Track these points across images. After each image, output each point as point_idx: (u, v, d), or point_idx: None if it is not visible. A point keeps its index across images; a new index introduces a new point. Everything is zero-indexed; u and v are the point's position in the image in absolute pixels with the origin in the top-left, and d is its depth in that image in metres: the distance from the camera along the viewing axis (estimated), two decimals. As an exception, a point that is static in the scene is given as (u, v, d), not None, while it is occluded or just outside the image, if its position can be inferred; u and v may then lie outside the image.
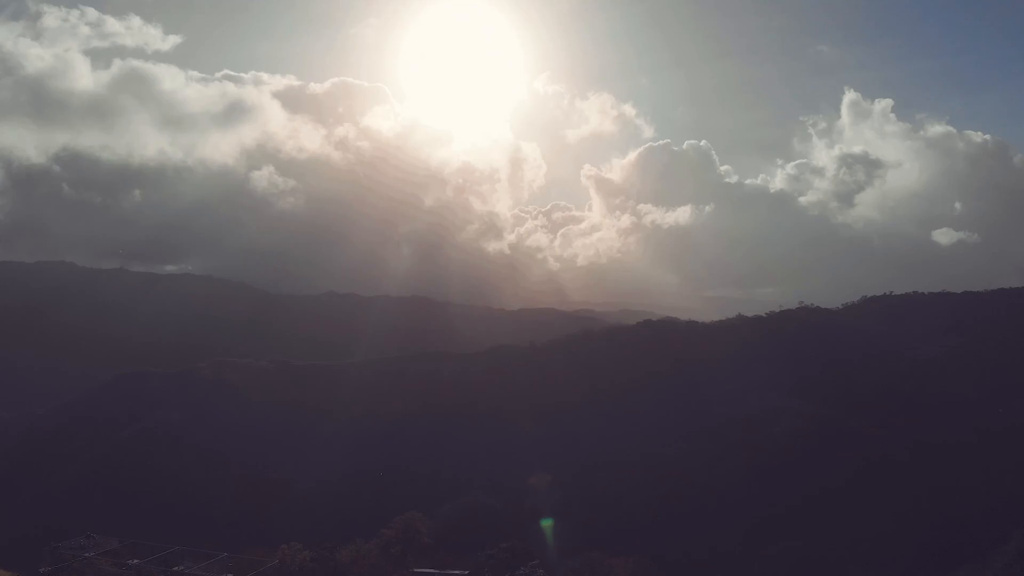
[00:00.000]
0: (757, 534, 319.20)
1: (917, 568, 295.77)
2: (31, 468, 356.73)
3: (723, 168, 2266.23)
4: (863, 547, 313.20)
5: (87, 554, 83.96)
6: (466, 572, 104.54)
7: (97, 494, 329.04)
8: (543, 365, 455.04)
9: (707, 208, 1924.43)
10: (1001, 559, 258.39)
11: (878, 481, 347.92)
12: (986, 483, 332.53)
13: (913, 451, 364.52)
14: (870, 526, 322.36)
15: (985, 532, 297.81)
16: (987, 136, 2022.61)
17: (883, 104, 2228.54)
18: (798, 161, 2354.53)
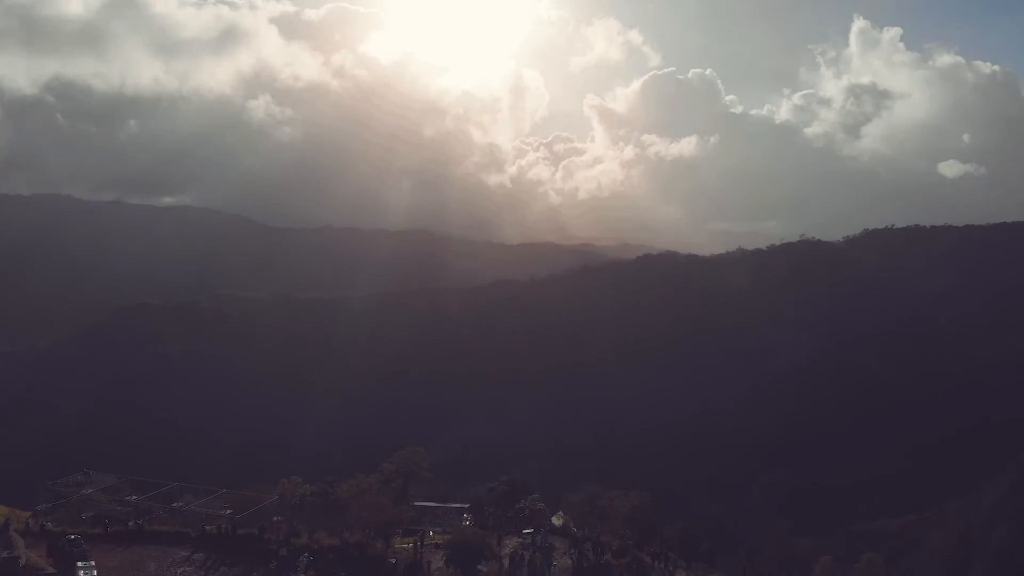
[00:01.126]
0: (754, 464, 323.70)
1: (910, 500, 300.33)
2: (33, 404, 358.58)
3: (728, 98, 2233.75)
4: (858, 478, 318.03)
5: (85, 491, 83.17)
6: (467, 505, 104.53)
7: (99, 429, 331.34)
8: (542, 300, 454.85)
9: (711, 139, 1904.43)
10: (995, 491, 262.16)
11: (874, 414, 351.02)
12: (983, 416, 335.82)
13: (911, 384, 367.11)
14: (865, 457, 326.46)
15: (978, 461, 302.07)
16: (996, 67, 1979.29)
17: (892, 33, 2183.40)
18: (805, 91, 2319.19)
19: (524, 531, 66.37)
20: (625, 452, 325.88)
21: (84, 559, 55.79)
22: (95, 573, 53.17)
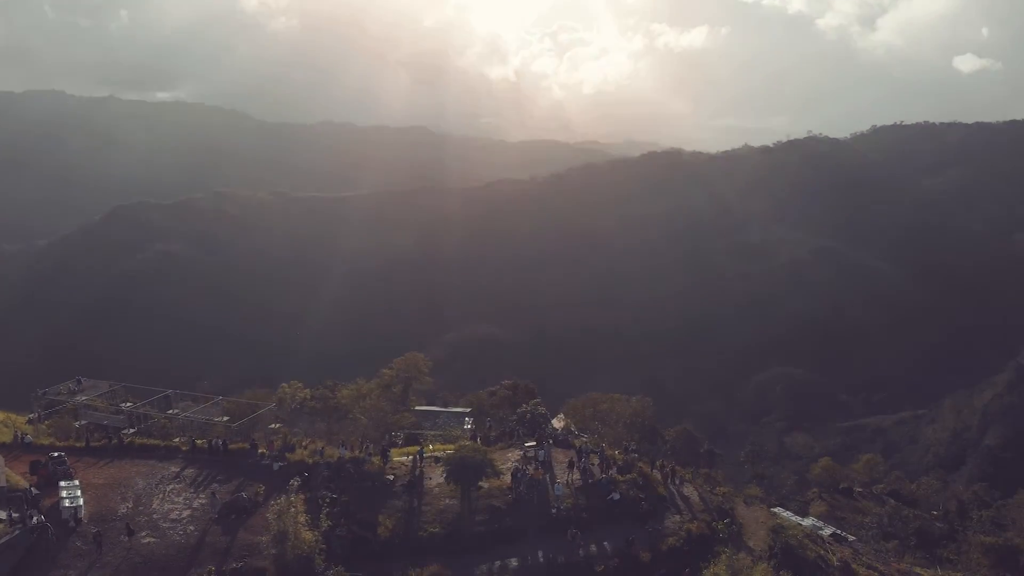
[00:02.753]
0: (752, 362, 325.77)
1: (905, 396, 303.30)
2: (34, 304, 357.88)
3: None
4: (855, 376, 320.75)
5: (78, 398, 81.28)
6: (467, 409, 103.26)
7: (100, 329, 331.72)
8: (544, 200, 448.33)
9: (722, 31, 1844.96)
10: (991, 390, 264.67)
11: (874, 312, 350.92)
12: (983, 316, 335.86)
13: (913, 283, 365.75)
14: (863, 356, 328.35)
15: (977, 363, 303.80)
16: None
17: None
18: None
19: (526, 444, 64.55)
20: (626, 350, 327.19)
21: (67, 477, 54.16)
22: (79, 492, 51.50)
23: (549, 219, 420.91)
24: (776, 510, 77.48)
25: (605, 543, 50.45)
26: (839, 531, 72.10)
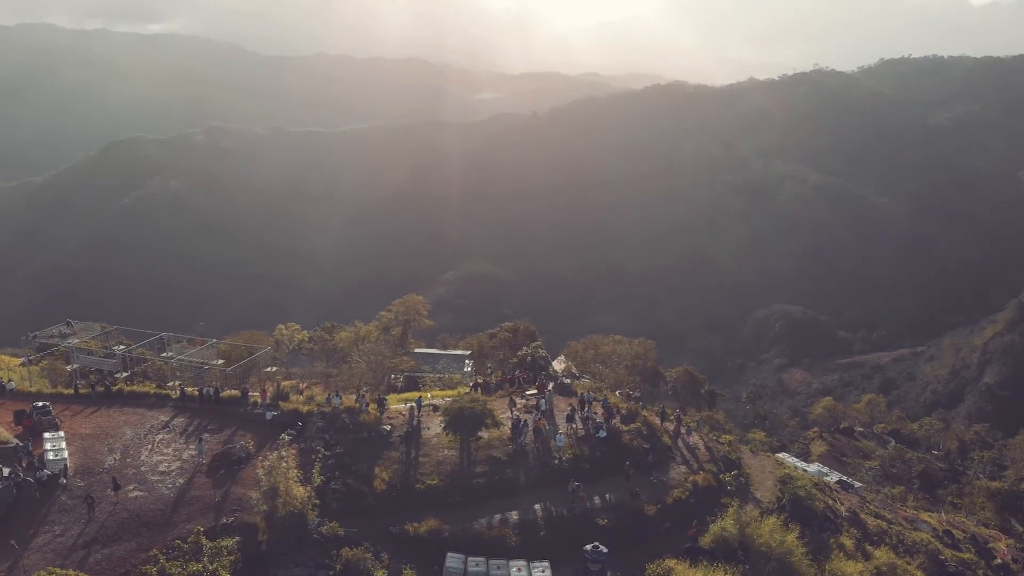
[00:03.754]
0: (752, 299, 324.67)
1: (905, 334, 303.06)
2: (31, 240, 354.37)
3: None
4: (855, 313, 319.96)
5: (69, 341, 79.33)
6: (467, 352, 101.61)
7: (97, 267, 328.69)
8: (544, 134, 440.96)
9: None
10: (992, 328, 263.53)
11: (876, 249, 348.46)
12: (986, 253, 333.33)
13: (916, 220, 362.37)
14: (863, 294, 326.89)
15: (979, 301, 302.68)
16: None
17: None
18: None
19: (527, 392, 62.72)
20: (626, 286, 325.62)
21: (53, 427, 52.37)
22: (63, 444, 49.74)
23: (549, 154, 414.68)
24: (781, 456, 76.33)
25: (608, 495, 48.89)
26: (845, 478, 70.85)
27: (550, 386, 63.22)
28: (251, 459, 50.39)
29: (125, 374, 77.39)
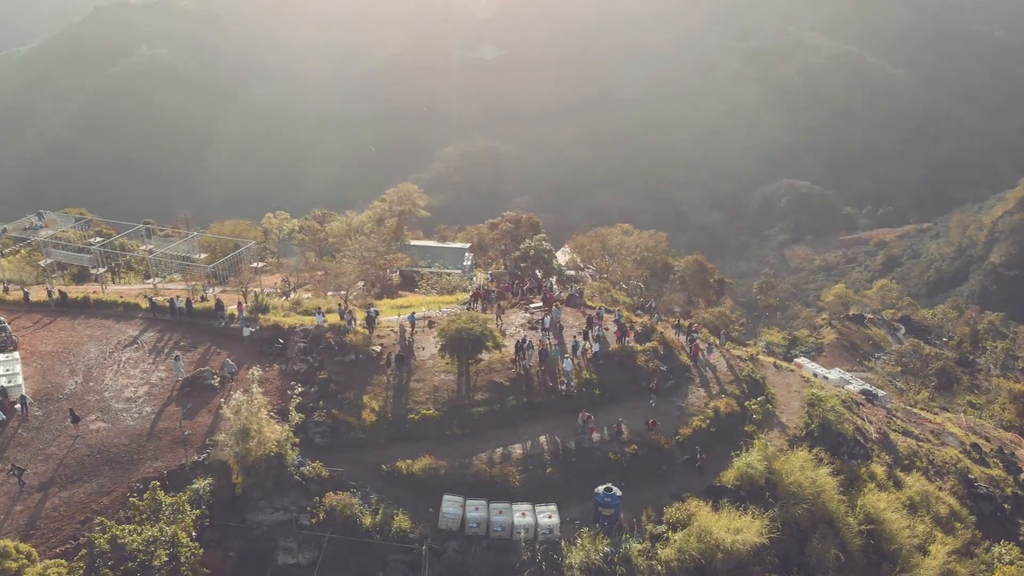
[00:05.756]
0: (759, 173, 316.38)
1: (912, 210, 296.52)
2: (17, 114, 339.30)
3: None
4: (862, 189, 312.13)
5: (39, 236, 73.38)
6: (467, 245, 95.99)
7: (86, 143, 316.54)
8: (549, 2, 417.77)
9: None
10: (1001, 206, 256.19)
11: (887, 122, 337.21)
12: (1000, 128, 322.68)
13: (929, 92, 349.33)
14: (872, 168, 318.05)
15: (989, 178, 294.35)
16: None
17: None
18: None
19: (531, 306, 57.18)
20: (628, 159, 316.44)
21: (9, 346, 47.02)
22: (19, 368, 44.57)
23: (551, 19, 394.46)
24: (800, 361, 72.19)
25: (619, 422, 44.22)
26: (868, 386, 66.71)
27: (558, 302, 57.33)
28: (228, 382, 45.64)
29: (101, 270, 72.10)
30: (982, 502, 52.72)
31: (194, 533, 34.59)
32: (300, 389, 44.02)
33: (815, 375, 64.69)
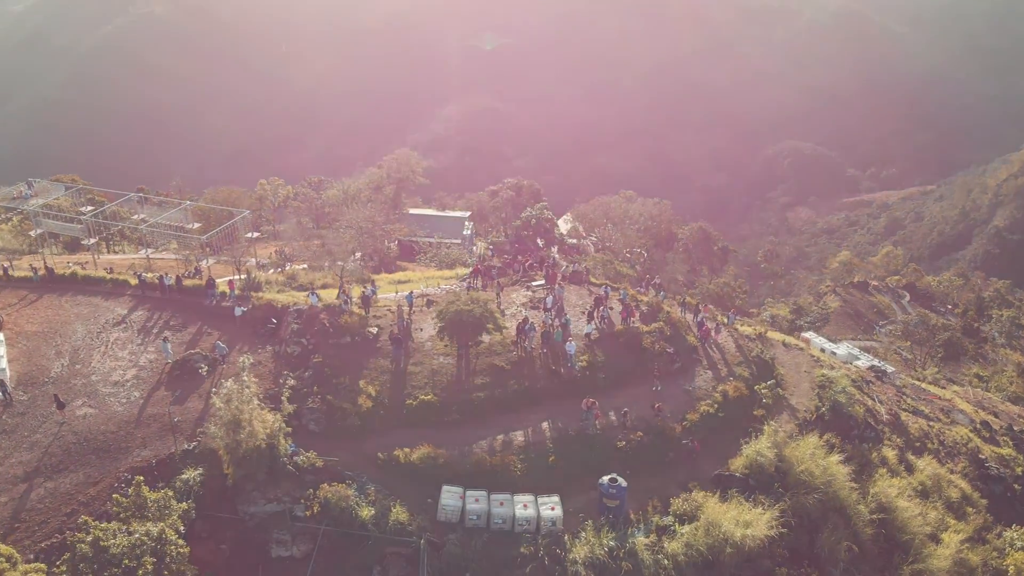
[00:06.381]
0: (763, 134, 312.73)
1: (916, 172, 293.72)
2: (11, 75, 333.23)
3: None
4: (867, 150, 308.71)
5: (28, 206, 71.52)
6: (467, 213, 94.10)
7: (82, 108, 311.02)
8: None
9: None
10: (1006, 169, 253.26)
11: (894, 82, 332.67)
12: (1007, 89, 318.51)
13: (936, 53, 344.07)
14: (877, 129, 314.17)
15: (994, 140, 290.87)
16: None
17: None
18: None
19: (533, 283, 55.43)
20: (630, 120, 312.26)
21: (-7, 325, 45.63)
22: (3, 350, 43.00)
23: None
24: (808, 336, 70.75)
25: (626, 411, 42.80)
26: (876, 362, 65.30)
27: (560, 276, 55.57)
28: (219, 364, 44.16)
29: (92, 241, 70.46)
30: (993, 483, 51.57)
31: (182, 528, 33.26)
32: (293, 374, 42.40)
33: (823, 350, 63.29)
